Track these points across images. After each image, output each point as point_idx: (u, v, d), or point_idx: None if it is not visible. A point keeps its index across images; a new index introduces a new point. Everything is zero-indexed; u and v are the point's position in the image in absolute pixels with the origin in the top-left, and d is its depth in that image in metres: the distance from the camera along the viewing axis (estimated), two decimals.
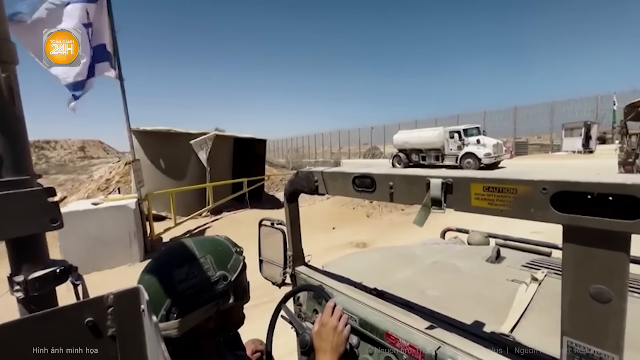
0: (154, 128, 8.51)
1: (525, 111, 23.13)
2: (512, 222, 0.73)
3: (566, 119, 21.01)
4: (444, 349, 0.77)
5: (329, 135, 37.82)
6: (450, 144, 17.06)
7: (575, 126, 19.79)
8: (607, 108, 19.77)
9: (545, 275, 1.13)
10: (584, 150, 18.86)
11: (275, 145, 47.88)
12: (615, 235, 0.50)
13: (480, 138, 16.07)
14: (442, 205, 0.70)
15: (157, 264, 0.77)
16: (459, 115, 25.76)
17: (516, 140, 22.93)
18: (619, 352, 0.52)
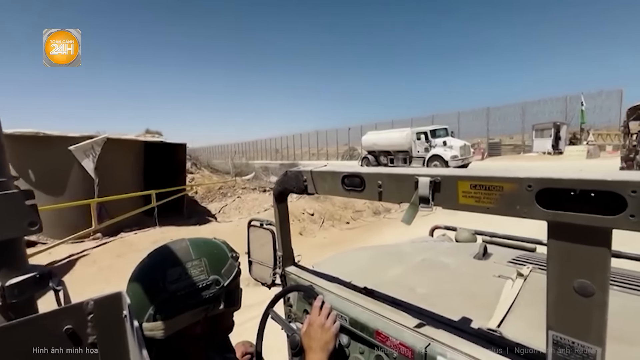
0: (15, 131, 6.44)
1: (497, 112, 23.54)
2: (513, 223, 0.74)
3: (537, 119, 21.40)
4: (433, 346, 0.78)
5: (307, 136, 37.53)
6: (418, 145, 16.61)
7: (545, 127, 19.86)
8: (577, 109, 20.20)
9: (531, 271, 1.15)
10: (553, 151, 18.97)
11: (254, 146, 47.18)
12: (597, 231, 0.51)
13: (447, 140, 15.63)
14: (430, 203, 0.71)
15: (152, 261, 0.75)
16: (434, 116, 26.09)
17: (490, 141, 23.18)
18: (601, 344, 0.53)
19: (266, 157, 41.79)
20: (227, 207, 10.32)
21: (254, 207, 9.70)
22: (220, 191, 11.42)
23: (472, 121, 24.60)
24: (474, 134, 23.98)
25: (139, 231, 7.25)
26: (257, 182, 12.71)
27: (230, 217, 9.27)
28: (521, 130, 22.62)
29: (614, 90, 20.22)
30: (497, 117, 23.54)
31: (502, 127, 23.64)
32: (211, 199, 11.16)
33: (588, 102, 20.00)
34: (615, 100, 20.06)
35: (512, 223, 0.93)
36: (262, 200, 10.33)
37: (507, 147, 23.32)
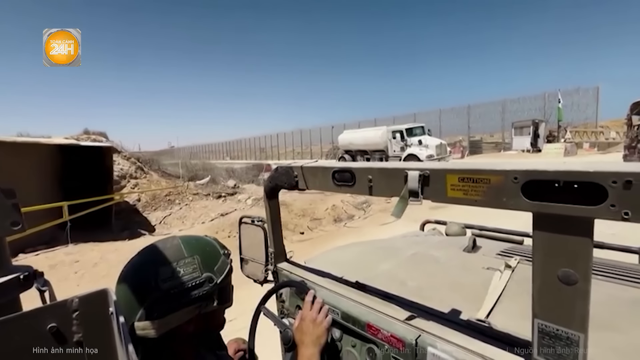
0: None
1: (478, 109, 23.39)
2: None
3: (516, 117, 21.15)
4: (423, 337, 0.79)
5: (291, 135, 36.85)
6: (394, 144, 15.96)
7: (525, 124, 19.61)
8: (555, 106, 19.93)
9: (518, 262, 1.18)
10: (532, 149, 18.68)
11: (238, 145, 46.15)
12: (580, 221, 0.52)
13: (422, 138, 15.06)
14: (419, 196, 0.72)
15: (143, 258, 0.74)
16: (416, 114, 25.87)
17: (471, 139, 23.00)
18: (584, 331, 0.55)
19: (251, 157, 41.00)
20: (170, 217, 9.22)
21: (200, 217, 8.78)
22: (167, 198, 10.15)
23: (454, 119, 24.45)
24: (455, 132, 23.96)
25: (46, 250, 6.10)
26: (211, 187, 11.45)
27: (172, 228, 8.42)
28: (501, 128, 22.57)
29: (590, 87, 20.29)
30: (477, 115, 23.41)
31: (482, 125, 23.58)
32: (155, 207, 9.76)
33: (565, 100, 19.97)
34: (592, 97, 20.07)
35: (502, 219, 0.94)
36: (212, 207, 9.33)
37: (488, 145, 23.13)
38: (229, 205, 9.65)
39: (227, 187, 11.59)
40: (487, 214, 0.66)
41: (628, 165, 0.49)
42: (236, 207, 9.44)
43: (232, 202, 9.93)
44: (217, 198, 10.37)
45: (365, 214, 8.34)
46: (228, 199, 10.25)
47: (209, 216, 8.96)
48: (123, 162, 10.85)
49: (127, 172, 10.65)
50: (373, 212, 8.51)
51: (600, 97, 19.59)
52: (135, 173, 10.99)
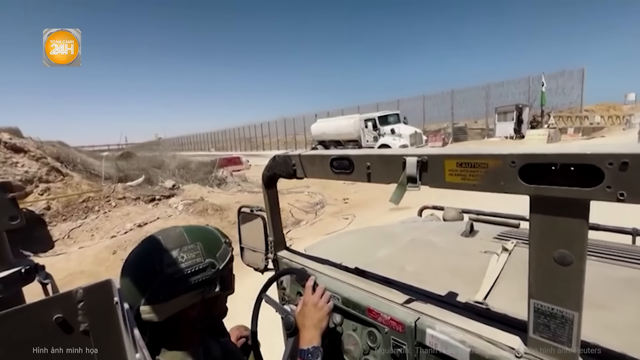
0: None
1: (462, 94, 22.25)
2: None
3: (500, 102, 20.01)
4: (422, 320, 0.81)
5: (275, 124, 35.15)
6: (367, 134, 14.72)
7: (508, 110, 18.60)
8: (539, 90, 18.73)
9: (515, 245, 1.19)
10: (515, 136, 17.69)
11: (224, 135, 44.56)
12: (576, 203, 0.53)
13: (395, 127, 13.99)
14: (417, 182, 0.72)
15: (147, 246, 0.76)
16: (399, 101, 24.79)
17: (455, 126, 21.96)
18: (578, 309, 0.56)
19: (238, 148, 39.41)
20: (79, 229, 7.30)
21: (115, 228, 7.20)
22: (85, 205, 8.07)
23: (438, 105, 23.29)
24: (440, 119, 23.07)
25: None
26: (145, 189, 9.65)
27: (73, 246, 6.57)
28: (485, 113, 21.37)
29: (575, 69, 19.03)
30: (461, 100, 22.23)
31: (466, 111, 22.41)
32: (67, 216, 7.77)
33: (550, 83, 18.93)
34: (578, 79, 18.84)
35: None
36: (134, 215, 7.61)
37: (473, 131, 22.05)
38: (159, 210, 8.18)
39: (165, 188, 9.86)
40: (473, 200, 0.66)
41: (624, 146, 0.49)
42: (166, 212, 7.91)
43: (165, 206, 8.43)
44: (150, 202, 8.65)
45: (315, 218, 7.31)
46: (162, 202, 8.73)
47: (125, 227, 7.32)
48: (30, 163, 8.71)
49: (36, 175, 8.55)
50: (325, 215, 7.42)
51: (586, 79, 18.55)
52: (47, 176, 8.78)
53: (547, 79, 18.68)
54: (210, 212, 7.51)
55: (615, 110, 21.15)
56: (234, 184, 11.29)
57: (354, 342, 0.99)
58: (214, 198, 8.94)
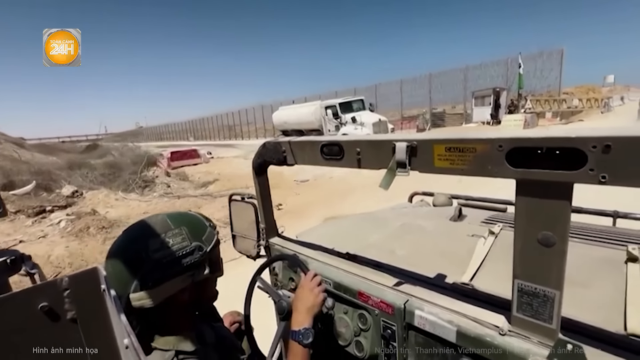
0: None
1: (439, 78, 20.92)
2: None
3: (479, 85, 18.75)
4: (411, 302, 0.83)
5: (252, 111, 32.73)
6: (328, 123, 13.32)
7: (486, 94, 17.48)
8: (517, 72, 17.48)
9: (501, 229, 1.22)
10: (492, 121, 16.68)
11: (201, 124, 42.46)
12: (560, 186, 0.54)
13: (357, 115, 12.59)
14: (407, 167, 0.72)
15: (131, 235, 0.75)
16: (377, 85, 23.67)
17: (433, 111, 20.96)
18: (559, 288, 0.58)
19: (217, 136, 37.63)
20: None
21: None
22: None
23: (416, 89, 21.81)
24: (418, 104, 21.91)
25: None
26: (38, 197, 8.05)
27: None
28: (464, 97, 19.91)
29: (554, 50, 17.59)
30: (439, 84, 20.83)
31: (444, 96, 21.04)
32: None
33: (529, 65, 17.69)
34: (556, 61, 17.50)
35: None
36: None
37: (453, 117, 20.81)
38: (37, 228, 6.51)
39: (62, 196, 8.15)
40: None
41: (607, 129, 0.50)
42: (41, 231, 6.32)
43: (49, 222, 6.84)
44: (37, 215, 6.99)
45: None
46: (51, 216, 7.03)
47: None
48: None
49: None
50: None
51: (565, 61, 17.23)
52: None
53: (525, 61, 17.53)
54: (93, 231, 5.95)
55: (595, 92, 20.26)
56: (162, 185, 9.88)
57: (345, 325, 1.01)
58: (118, 208, 7.69)
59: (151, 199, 8.58)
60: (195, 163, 14.72)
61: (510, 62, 18.07)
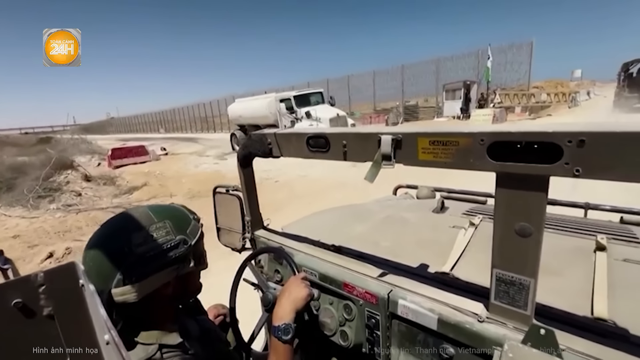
0: None
1: (412, 69, 20.21)
2: None
3: (450, 78, 18.20)
4: (395, 291, 0.85)
5: (225, 101, 29.62)
6: (283, 118, 11.96)
7: (456, 87, 16.99)
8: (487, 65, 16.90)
9: (481, 220, 1.27)
10: (462, 115, 16.15)
11: (172, 115, 40.09)
12: (537, 179, 0.56)
13: (311, 110, 11.29)
14: (392, 160, 0.73)
15: (112, 228, 0.73)
16: (349, 77, 22.65)
17: (407, 104, 20.17)
18: (534, 276, 0.61)
19: (190, 128, 35.03)
20: None
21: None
22: None
23: (389, 82, 21.05)
24: (391, 97, 21.14)
25: None
26: None
27: None
28: (435, 90, 19.31)
29: (524, 42, 17.07)
30: (412, 76, 20.17)
31: (417, 89, 20.45)
32: None
33: (499, 57, 17.15)
34: (526, 54, 16.98)
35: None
36: None
37: (426, 110, 20.09)
38: None
39: None
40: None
41: (582, 125, 0.52)
42: None
43: None
44: None
45: None
46: None
47: None
48: None
49: None
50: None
51: (535, 54, 16.76)
52: None
53: (495, 53, 16.96)
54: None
55: (563, 87, 20.26)
56: (70, 194, 7.71)
57: (331, 315, 1.03)
58: None
59: (40, 215, 6.53)
60: (142, 161, 13.30)
61: (481, 54, 17.51)
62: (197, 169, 11.17)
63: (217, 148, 15.47)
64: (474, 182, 1.59)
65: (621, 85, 12.78)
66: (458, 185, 1.91)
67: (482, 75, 17.09)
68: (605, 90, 20.89)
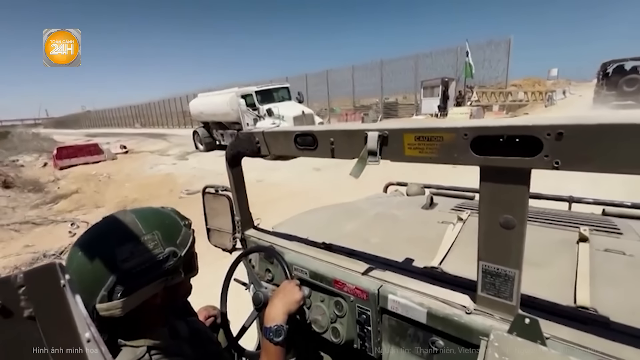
0: None
1: (391, 65, 19.54)
2: None
3: (429, 74, 17.79)
4: (385, 287, 0.86)
5: (194, 97, 27.88)
6: (246, 115, 10.83)
7: (435, 84, 16.64)
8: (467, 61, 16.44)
9: (469, 215, 1.29)
10: (440, 113, 15.90)
11: (147, 110, 37.17)
12: (519, 172, 0.58)
13: (274, 107, 10.25)
14: (378, 156, 0.74)
15: (95, 240, 0.68)
16: (328, 71, 21.78)
17: (386, 100, 19.80)
18: (518, 267, 0.63)
19: (168, 123, 31.93)
20: None
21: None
22: None
23: (368, 77, 20.33)
24: (370, 93, 20.73)
25: None
26: None
27: None
28: (414, 87, 18.65)
29: (502, 39, 16.61)
30: (391, 72, 19.49)
31: (396, 85, 19.67)
32: None
33: (477, 55, 16.65)
34: (504, 51, 16.54)
35: None
36: None
37: (406, 107, 19.52)
38: None
39: None
40: None
41: (560, 118, 0.54)
42: None
43: None
44: None
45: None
46: None
47: None
48: None
49: None
50: None
51: (513, 52, 16.37)
52: None
53: (474, 50, 16.47)
54: None
55: (540, 85, 20.21)
56: None
57: (322, 312, 1.03)
58: None
59: None
60: (95, 161, 12.15)
61: (460, 50, 17.01)
62: (151, 171, 10.11)
63: (183, 146, 14.72)
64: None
65: (600, 83, 13.22)
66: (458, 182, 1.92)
67: (461, 72, 16.80)
68: (580, 89, 21.10)
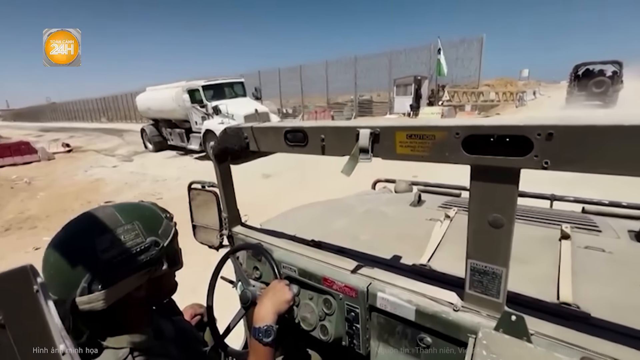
0: None
1: (365, 62, 19.01)
2: None
3: (402, 72, 17.23)
4: (374, 284, 0.86)
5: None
6: (194, 113, 9.68)
7: (407, 82, 16.17)
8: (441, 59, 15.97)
9: (456, 213, 1.30)
10: (412, 112, 15.33)
11: (115, 102, 33.94)
12: (509, 171, 0.58)
13: (222, 105, 9.10)
14: (369, 154, 0.73)
15: (73, 232, 0.67)
16: (302, 66, 20.98)
17: (360, 98, 19.28)
18: (506, 265, 0.64)
19: (135, 118, 27.05)
20: None
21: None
22: None
23: (342, 74, 19.78)
24: (344, 90, 20.10)
25: None
26: None
27: None
28: (388, 85, 18.07)
29: (475, 38, 16.18)
30: (365, 69, 18.96)
31: (370, 82, 19.15)
32: None
33: (450, 53, 16.27)
34: (477, 50, 16.13)
35: None
36: None
37: (380, 105, 19.10)
38: None
39: None
40: None
41: (552, 119, 0.54)
42: None
43: None
44: None
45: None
46: None
47: None
48: None
49: None
50: None
51: (485, 51, 16.06)
52: None
53: (446, 48, 16.06)
54: None
55: (512, 85, 20.17)
56: None
57: (311, 310, 1.02)
58: None
59: None
60: (26, 162, 10.95)
61: (433, 48, 16.58)
62: (82, 175, 9.09)
63: (135, 145, 13.61)
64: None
65: (572, 85, 13.79)
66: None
67: (434, 70, 16.46)
68: (550, 90, 21.36)
